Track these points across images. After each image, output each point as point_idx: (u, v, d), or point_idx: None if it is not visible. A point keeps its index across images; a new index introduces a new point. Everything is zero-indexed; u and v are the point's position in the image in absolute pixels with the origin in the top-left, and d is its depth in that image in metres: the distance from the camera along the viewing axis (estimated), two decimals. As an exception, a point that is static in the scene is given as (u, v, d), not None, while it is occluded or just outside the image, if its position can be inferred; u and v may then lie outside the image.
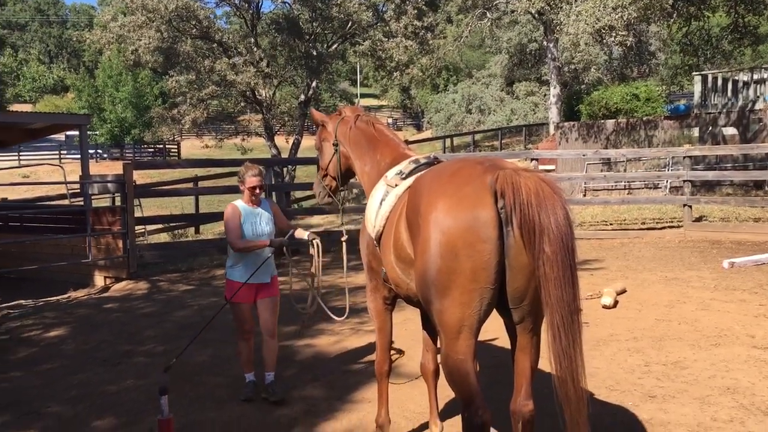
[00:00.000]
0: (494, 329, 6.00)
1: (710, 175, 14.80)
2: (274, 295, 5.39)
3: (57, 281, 11.13)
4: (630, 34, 22.99)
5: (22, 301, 9.63)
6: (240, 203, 5.38)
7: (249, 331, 5.36)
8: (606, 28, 16.98)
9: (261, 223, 5.35)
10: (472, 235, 2.91)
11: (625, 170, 19.00)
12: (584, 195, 18.38)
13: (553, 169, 18.32)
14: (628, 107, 21.67)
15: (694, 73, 21.19)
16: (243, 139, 25.13)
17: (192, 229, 17.45)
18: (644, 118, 20.21)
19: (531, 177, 2.93)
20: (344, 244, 4.89)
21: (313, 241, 5.33)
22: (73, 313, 8.67)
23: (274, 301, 5.39)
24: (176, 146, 48.59)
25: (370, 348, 6.36)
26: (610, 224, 14.16)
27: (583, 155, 16.28)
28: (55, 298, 9.81)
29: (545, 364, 3.35)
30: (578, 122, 21.79)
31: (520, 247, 2.90)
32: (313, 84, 22.33)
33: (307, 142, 24.70)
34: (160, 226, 16.16)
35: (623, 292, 8.08)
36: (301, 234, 5.42)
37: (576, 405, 2.84)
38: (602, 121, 20.86)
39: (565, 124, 22.02)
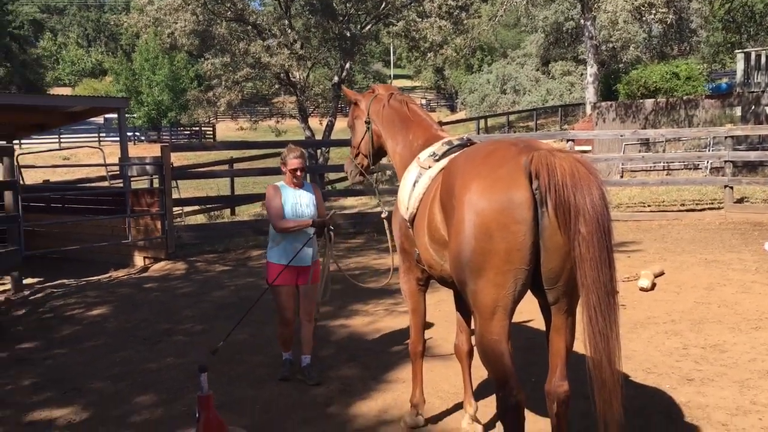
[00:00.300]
0: (529, 311, 5.99)
1: (752, 156, 14.46)
2: (315, 281, 5.36)
3: (98, 261, 11.38)
4: (670, 11, 22.52)
5: (64, 281, 9.88)
6: (281, 184, 5.40)
7: (292, 318, 5.33)
8: (645, 5, 16.65)
9: (302, 204, 5.33)
10: (507, 217, 2.90)
11: (664, 151, 18.66)
12: (621, 176, 18.11)
13: (590, 150, 18.06)
14: (667, 86, 21.22)
15: (736, 50, 20.67)
16: (277, 122, 25.29)
17: (228, 211, 17.65)
18: (684, 98, 19.78)
19: (566, 158, 2.91)
20: (385, 222, 4.88)
21: (329, 229, 5.33)
22: (115, 293, 8.87)
23: (315, 288, 5.36)
24: (211, 129, 49.05)
25: (404, 329, 6.39)
26: (648, 206, 13.95)
27: (621, 135, 16.03)
28: (96, 277, 10.04)
29: (579, 346, 3.34)
30: (616, 102, 21.42)
31: (554, 227, 2.89)
32: (347, 65, 22.31)
33: (341, 124, 24.72)
34: (196, 207, 16.38)
35: (661, 274, 7.98)
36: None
37: (611, 387, 2.83)
38: (641, 100, 20.47)
39: (603, 104, 21.66)
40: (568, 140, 13.23)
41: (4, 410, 5.01)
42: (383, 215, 4.88)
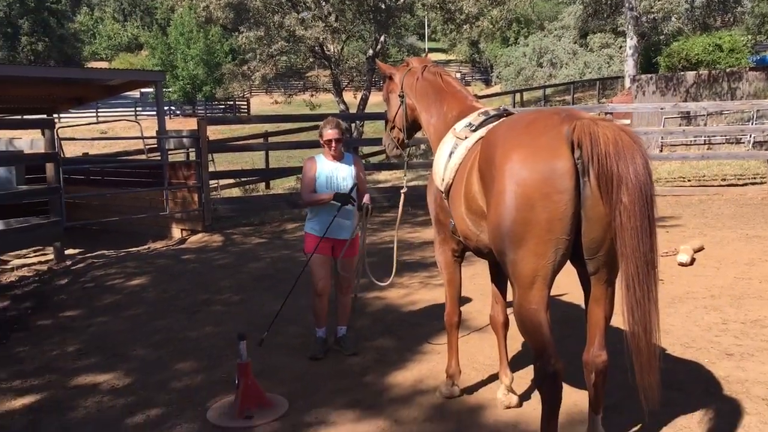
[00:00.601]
0: (565, 284, 5.96)
1: (797, 129, 14.07)
2: (353, 255, 5.34)
3: (136, 233, 11.60)
4: (714, -20, 21.83)
5: (105, 252, 10.09)
6: (319, 157, 5.38)
7: (324, 288, 5.31)
8: (688, -26, 16.13)
9: (338, 177, 5.29)
10: (549, 186, 2.88)
11: (705, 124, 18.24)
12: (661, 150, 17.77)
13: (629, 124, 17.74)
14: (710, 59, 20.69)
15: (783, 21, 19.99)
16: (311, 95, 25.26)
17: (263, 185, 17.77)
18: (727, 70, 19.27)
19: (609, 126, 2.88)
20: (402, 196, 4.89)
21: (367, 206, 5.24)
22: (153, 263, 9.03)
23: (352, 262, 5.35)
24: (246, 103, 49.29)
25: (439, 301, 6.40)
26: (688, 180, 13.69)
27: (661, 109, 15.68)
28: (135, 248, 10.23)
29: (616, 319, 3.32)
30: (656, 75, 20.96)
31: (596, 197, 2.87)
32: (381, 38, 22.14)
33: (375, 98, 24.63)
34: (232, 180, 16.52)
35: (701, 249, 7.84)
36: (367, 200, 5.29)
37: (647, 357, 2.83)
38: (682, 73, 20.00)
39: (642, 76, 21.21)
40: (606, 113, 13.01)
41: (50, 375, 5.17)
42: (403, 191, 4.88)
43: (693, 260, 7.42)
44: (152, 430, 4.17)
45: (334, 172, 5.30)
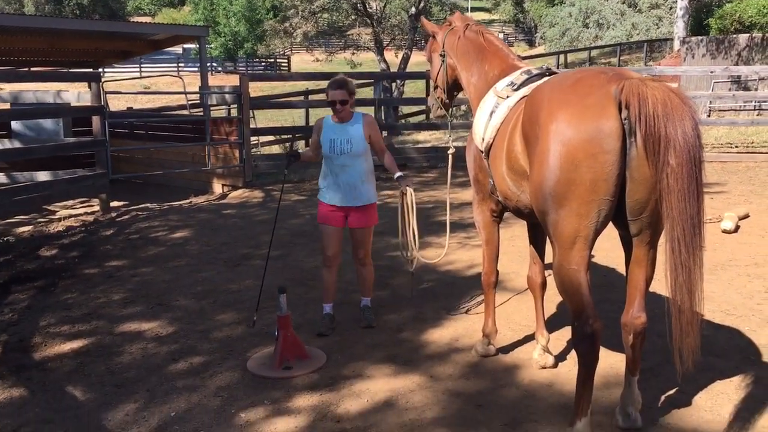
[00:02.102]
0: (604, 248, 5.92)
1: None
2: (365, 224, 5.00)
3: (178, 187, 11.81)
4: (774, -62, 20.88)
5: (148, 204, 10.30)
6: (327, 119, 5.03)
7: (332, 258, 5.02)
8: (747, -69, 15.48)
9: (342, 141, 4.88)
10: (595, 147, 2.85)
11: (756, 89, 17.65)
12: (709, 115, 17.30)
13: (677, 87, 17.27)
14: (764, 21, 19.89)
15: None
16: (352, 54, 25.12)
17: (302, 142, 17.84)
18: (783, 33, 18.55)
19: (659, 87, 2.82)
20: (450, 157, 4.84)
21: (407, 190, 4.88)
22: (195, 217, 9.20)
23: (365, 231, 5.03)
24: (286, 60, 49.21)
25: (476, 262, 6.42)
26: (736, 147, 13.33)
27: (711, 72, 15.21)
28: (177, 202, 10.42)
29: (655, 284, 3.30)
30: (707, 37, 20.28)
31: (642, 158, 2.83)
32: (425, -4, 21.80)
33: (416, 58, 24.39)
34: (272, 137, 16.62)
35: (746, 217, 7.69)
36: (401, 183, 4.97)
37: (688, 320, 2.82)
38: (734, 35, 19.32)
39: (692, 38, 20.55)
40: (653, 76, 12.67)
41: (97, 321, 5.35)
42: (450, 151, 4.82)
43: (737, 227, 7.28)
44: (194, 376, 4.31)
45: (338, 135, 4.90)
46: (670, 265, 2.80)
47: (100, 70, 18.15)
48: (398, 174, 5.03)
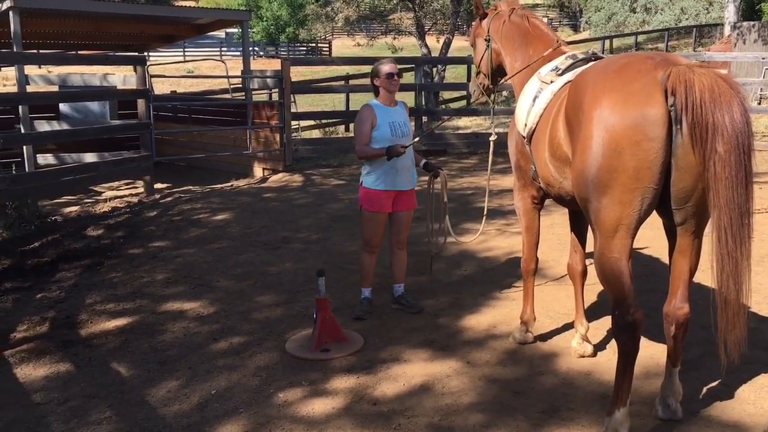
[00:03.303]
0: (646, 238, 5.82)
1: None
2: (411, 207, 5.03)
3: (220, 170, 11.98)
4: None
5: (191, 187, 10.47)
6: (375, 102, 4.93)
7: (377, 245, 5.04)
8: None
9: (401, 123, 4.90)
10: (639, 134, 2.80)
11: (810, 77, 17.07)
12: (759, 103, 16.80)
13: (727, 73, 16.81)
14: (821, 5, 19.22)
15: None
16: (394, 38, 25.01)
17: (342, 127, 17.89)
18: (840, 18, 17.88)
19: (707, 73, 2.75)
20: (491, 143, 4.79)
21: (439, 172, 4.99)
22: (236, 200, 9.32)
23: (410, 214, 5.07)
24: (328, 45, 49.26)
25: (515, 249, 6.37)
26: (787, 136, 12.94)
27: (762, 59, 14.74)
28: (219, 185, 10.56)
29: (698, 275, 3.23)
30: (759, 22, 19.65)
31: (688, 146, 2.78)
32: (468, -21, 21.56)
33: (458, 43, 24.15)
34: (312, 122, 16.70)
35: (796, 208, 7.47)
36: (430, 167, 5.05)
37: (734, 311, 2.77)
38: (788, 21, 18.69)
39: (744, 24, 19.93)
40: (702, 62, 12.36)
41: (140, 300, 5.48)
42: (492, 137, 4.76)
43: (787, 219, 7.08)
44: (234, 356, 4.38)
45: (395, 118, 4.89)
46: (717, 255, 2.74)
47: (145, 54, 18.41)
48: (425, 161, 5.10)
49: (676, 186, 2.87)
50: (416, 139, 4.88)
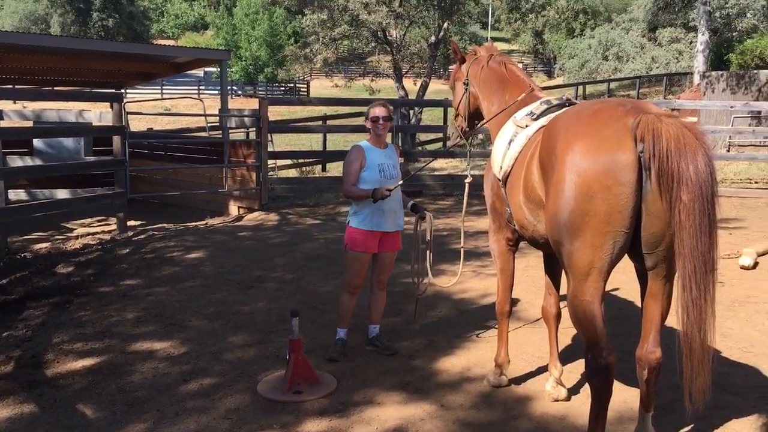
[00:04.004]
0: (619, 281, 5.87)
1: None
2: (395, 249, 5.04)
3: (195, 208, 11.92)
4: (795, -25, 20.93)
5: (165, 224, 10.37)
6: (366, 145, 4.97)
7: (360, 286, 5.00)
8: (768, -32, 15.52)
9: (389, 166, 4.92)
10: (610, 178, 2.85)
11: (776, 125, 17.57)
12: (728, 150, 17.18)
13: (696, 121, 17.23)
14: (785, 57, 19.89)
15: None
16: (372, 80, 25.33)
17: (319, 167, 17.95)
18: (803, 70, 18.50)
19: (674, 123, 2.83)
20: (467, 186, 4.83)
21: (426, 214, 5.00)
22: (210, 238, 9.25)
23: (394, 256, 5.07)
24: (306, 86, 49.71)
25: (490, 290, 6.39)
26: (756, 182, 13.25)
27: (731, 107, 15.16)
28: (193, 223, 10.49)
29: (670, 319, 3.26)
30: (727, 72, 20.27)
31: (657, 192, 2.85)
32: (444, 25, 22.02)
33: (435, 86, 24.54)
34: (289, 161, 16.75)
35: (765, 253, 7.59)
36: (418, 209, 5.09)
37: (699, 359, 2.80)
38: (755, 71, 19.30)
39: (713, 73, 20.54)
40: (672, 109, 12.67)
41: (110, 339, 5.37)
42: (467, 180, 4.80)
43: (756, 264, 7.19)
44: (204, 398, 4.30)
45: (385, 160, 4.92)
46: (682, 302, 2.78)
47: (123, 90, 18.41)
48: (412, 202, 5.13)
49: (646, 230, 2.92)
50: (400, 182, 4.89)
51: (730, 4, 28.66)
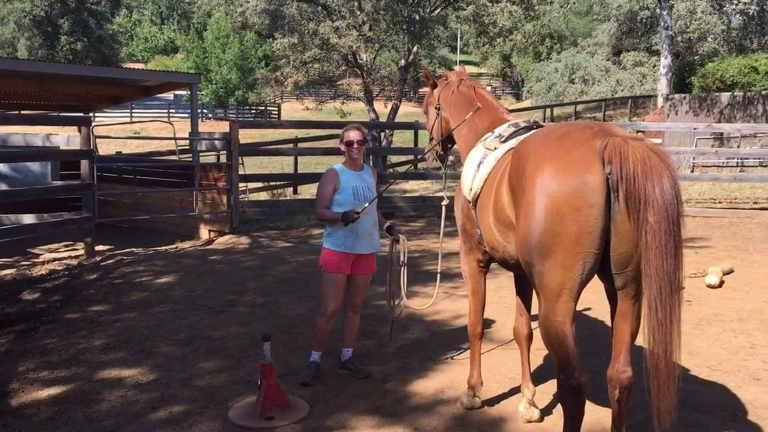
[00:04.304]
0: (590, 301, 5.93)
1: (834, 155, 13.82)
2: (370, 271, 5.03)
3: (165, 232, 11.77)
4: (753, 1, 21.59)
5: (134, 249, 10.24)
6: (341, 168, 4.98)
7: (336, 309, 4.94)
8: (727, -6, 15.98)
9: (364, 188, 4.93)
10: (579, 200, 2.89)
11: (738, 146, 17.99)
12: (692, 171, 17.55)
13: (660, 143, 17.57)
14: (745, 80, 20.41)
15: (822, 45, 19.72)
16: (342, 103, 25.43)
17: (290, 189, 17.92)
18: (763, 92, 19.01)
19: (640, 146, 2.89)
20: (443, 208, 4.86)
21: (400, 237, 5.00)
22: (181, 262, 9.14)
23: (368, 278, 5.06)
24: (277, 108, 49.71)
25: (462, 312, 6.40)
26: (719, 202, 13.52)
27: (694, 129, 15.49)
28: (163, 247, 10.36)
29: (640, 338, 3.30)
30: (690, 95, 20.74)
31: (625, 214, 2.89)
32: (414, 49, 22.24)
33: (405, 108, 24.71)
34: (260, 184, 16.69)
35: (730, 272, 7.74)
36: (393, 232, 5.09)
37: (665, 377, 2.83)
38: (716, 94, 19.77)
39: (676, 96, 21.01)
40: (637, 131, 12.92)
41: (76, 367, 5.25)
42: (444, 202, 4.84)
43: (722, 282, 7.32)
44: (174, 426, 4.22)
45: (359, 183, 4.94)
46: (648, 323, 2.82)
47: (91, 114, 18.23)
48: (387, 223, 5.14)
49: (615, 251, 2.96)
50: (366, 205, 4.85)
51: (691, 28, 29.40)
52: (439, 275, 5.06)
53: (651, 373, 2.85)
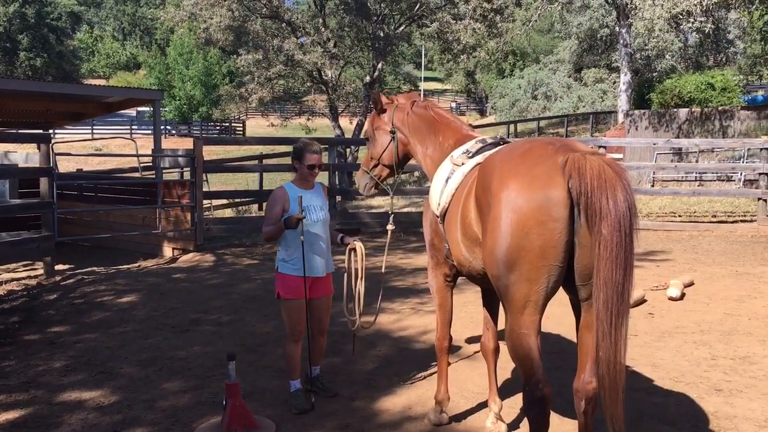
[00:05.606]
0: (556, 315, 5.98)
1: (788, 169, 14.20)
2: (328, 293, 4.92)
3: (127, 250, 11.58)
4: (708, 20, 22.23)
5: (95, 268, 10.05)
6: (290, 185, 4.80)
7: (302, 332, 4.78)
8: (683, 13, 16.46)
9: (315, 207, 4.76)
10: (544, 215, 2.93)
11: (697, 161, 18.43)
12: (652, 185, 17.92)
13: (621, 158, 17.90)
14: (702, 96, 20.97)
15: (774, 62, 20.37)
16: (308, 119, 25.43)
17: (255, 206, 17.80)
18: (719, 108, 19.53)
19: (596, 160, 2.95)
20: (390, 233, 4.89)
21: (356, 245, 4.87)
22: (144, 281, 8.99)
23: (329, 300, 4.96)
24: (241, 125, 49.48)
25: (429, 327, 6.40)
26: (679, 216, 13.80)
27: (654, 144, 15.86)
28: (126, 266, 10.19)
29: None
30: (649, 111, 21.23)
31: (586, 227, 2.94)
32: (379, 66, 22.38)
33: (371, 124, 24.77)
34: (225, 201, 16.55)
35: (691, 285, 7.88)
36: (347, 240, 4.99)
37: (610, 388, 2.90)
38: (674, 110, 20.25)
39: (635, 112, 21.47)
40: (599, 147, 13.15)
41: (35, 390, 5.11)
42: (390, 227, 4.84)
43: (683, 295, 7.45)
44: (137, 448, 4.13)
45: (310, 203, 4.73)
46: (596, 332, 2.87)
47: (51, 131, 17.91)
48: (341, 235, 5.04)
49: (579, 263, 3.00)
50: (304, 216, 4.63)
51: (649, 46, 30.16)
52: (379, 302, 5.13)
53: (600, 381, 2.92)
